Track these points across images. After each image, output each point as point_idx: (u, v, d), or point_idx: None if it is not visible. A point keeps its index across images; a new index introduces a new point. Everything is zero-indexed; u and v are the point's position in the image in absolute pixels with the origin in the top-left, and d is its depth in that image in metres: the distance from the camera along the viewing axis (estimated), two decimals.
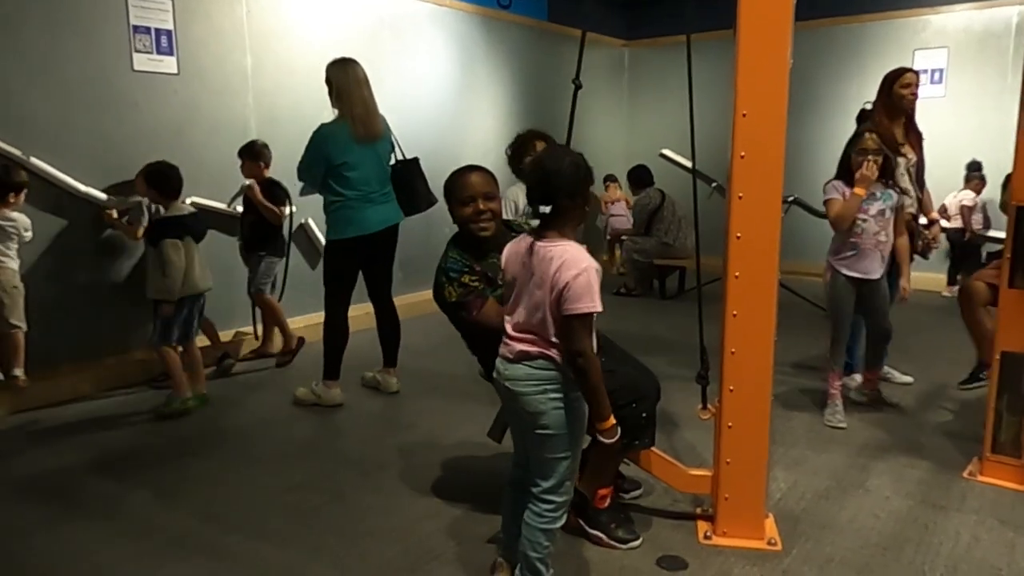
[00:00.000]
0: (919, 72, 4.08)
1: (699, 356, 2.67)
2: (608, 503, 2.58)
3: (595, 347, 1.95)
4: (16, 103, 4.07)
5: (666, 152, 7.06)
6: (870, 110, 3.95)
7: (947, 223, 6.80)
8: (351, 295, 4.12)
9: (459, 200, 2.49)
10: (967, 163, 6.85)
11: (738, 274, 2.42)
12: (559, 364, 1.95)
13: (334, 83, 3.91)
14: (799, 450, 3.37)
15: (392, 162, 4.12)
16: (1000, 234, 2.95)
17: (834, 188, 3.57)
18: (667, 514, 2.77)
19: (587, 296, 1.86)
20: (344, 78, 3.89)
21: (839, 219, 3.52)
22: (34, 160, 4.11)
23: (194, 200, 4.82)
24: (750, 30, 2.31)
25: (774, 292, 2.43)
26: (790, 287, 6.08)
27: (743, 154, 2.36)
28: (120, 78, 4.48)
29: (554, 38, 7.81)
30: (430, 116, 6.55)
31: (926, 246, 4.17)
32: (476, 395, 3.96)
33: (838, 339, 3.71)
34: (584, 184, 1.98)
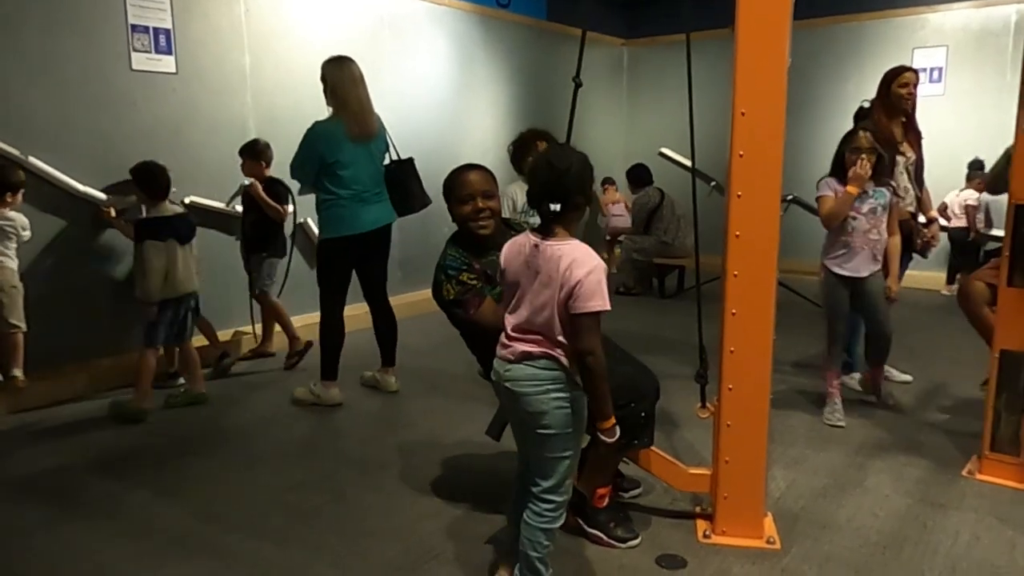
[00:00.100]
0: (918, 71, 4.07)
1: (698, 355, 2.67)
2: (607, 502, 2.58)
3: None
4: (14, 102, 4.07)
5: (665, 151, 7.07)
6: (868, 108, 3.94)
7: (947, 222, 6.78)
8: (346, 295, 4.11)
9: (458, 199, 2.50)
10: (969, 162, 6.83)
11: (737, 273, 2.42)
12: (562, 364, 1.95)
13: (329, 81, 3.89)
14: (798, 449, 3.38)
15: (386, 162, 4.11)
16: (1003, 233, 2.96)
17: (826, 185, 3.56)
18: (666, 513, 2.77)
19: (598, 295, 1.87)
20: (339, 76, 3.87)
21: (830, 217, 3.52)
22: (32, 159, 4.11)
23: (193, 199, 4.83)
24: (749, 29, 2.31)
25: (773, 291, 2.43)
26: (789, 286, 6.08)
27: (742, 153, 2.36)
28: (118, 77, 4.48)
29: (553, 37, 7.81)
30: (429, 115, 6.55)
31: (925, 245, 4.16)
32: (476, 394, 3.96)
33: (834, 338, 3.71)
34: (590, 181, 2.01)
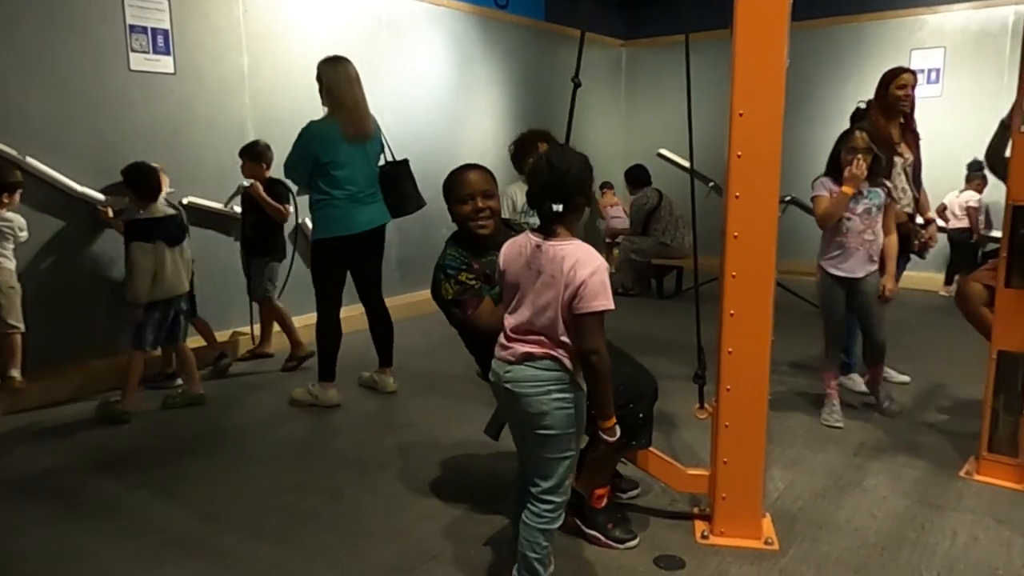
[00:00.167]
0: (916, 72, 4.07)
1: (696, 356, 2.67)
2: (605, 503, 2.58)
3: None
4: (12, 102, 4.06)
5: (663, 152, 7.07)
6: (864, 109, 3.94)
7: (945, 223, 6.77)
8: (341, 295, 4.09)
9: (458, 198, 2.50)
10: (968, 163, 6.79)
11: (735, 274, 2.42)
12: (564, 365, 1.96)
13: (325, 81, 3.88)
14: (796, 450, 3.38)
15: (381, 163, 4.09)
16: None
17: (822, 185, 3.55)
18: (664, 514, 2.77)
19: (602, 294, 1.88)
20: (335, 76, 3.86)
21: (825, 217, 3.52)
22: (30, 160, 4.10)
23: (191, 200, 4.82)
24: (747, 30, 2.31)
25: (771, 292, 2.43)
26: (787, 287, 6.09)
27: (740, 154, 2.36)
28: (116, 77, 4.48)
29: (551, 38, 7.81)
30: (428, 116, 6.55)
31: (923, 246, 4.16)
32: (474, 395, 3.96)
33: (832, 339, 3.71)
34: (591, 182, 2.02)
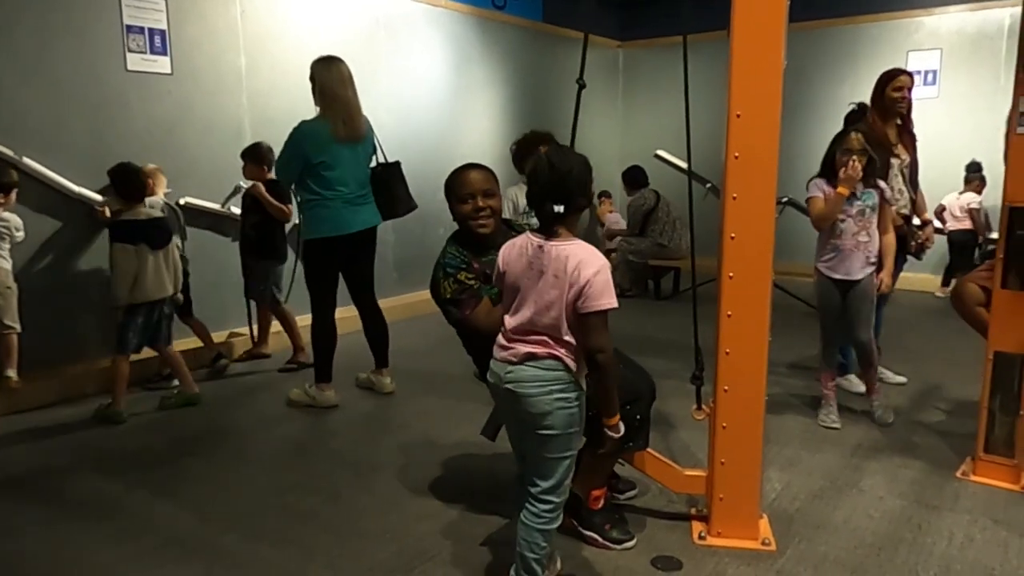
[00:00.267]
0: (912, 74, 4.07)
1: (694, 357, 2.67)
2: (602, 504, 2.58)
3: None
4: (8, 102, 4.06)
5: (661, 153, 7.08)
6: (856, 110, 3.93)
7: (942, 224, 6.77)
8: (335, 296, 4.07)
9: (458, 197, 2.50)
10: (967, 164, 6.80)
11: (732, 275, 2.42)
12: (566, 364, 1.96)
13: (317, 81, 3.86)
14: (793, 450, 3.38)
15: (373, 164, 4.07)
16: None
17: (816, 186, 3.55)
18: (662, 514, 2.77)
19: (607, 293, 1.90)
20: (328, 76, 3.84)
21: (821, 218, 3.52)
22: (27, 160, 4.10)
23: (188, 200, 4.82)
24: (744, 31, 2.31)
25: (768, 293, 2.44)
26: (784, 288, 6.09)
27: (737, 155, 2.36)
28: (113, 78, 4.47)
29: (549, 39, 7.82)
30: (426, 117, 6.55)
31: (919, 247, 4.17)
32: (472, 395, 3.96)
33: (828, 341, 3.72)
34: (591, 182, 2.04)
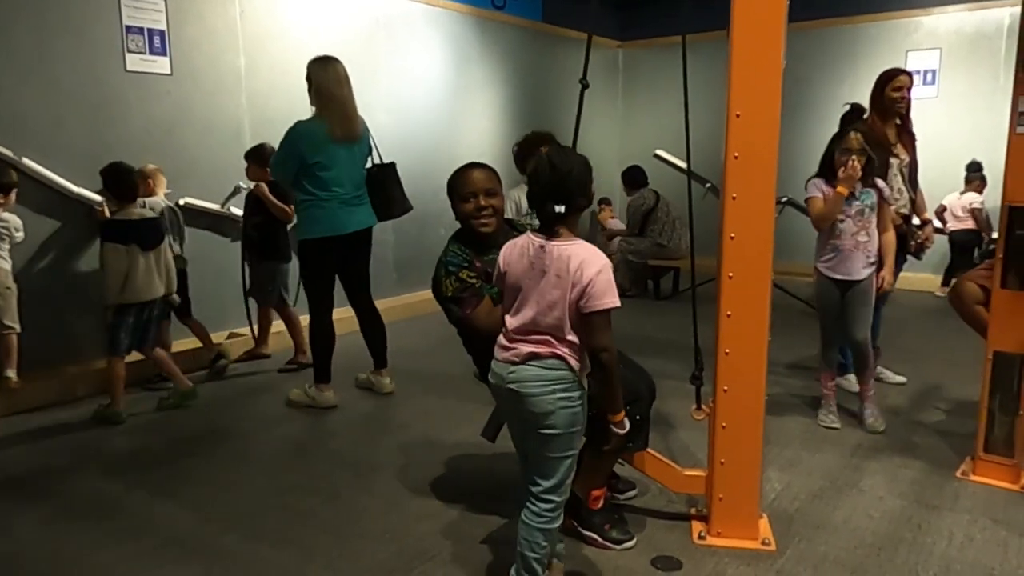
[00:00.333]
0: (912, 74, 4.07)
1: (693, 357, 2.67)
2: (602, 504, 2.58)
3: None
4: (7, 103, 4.05)
5: (660, 153, 7.08)
6: (850, 111, 3.89)
7: (942, 225, 6.76)
8: (332, 297, 4.06)
9: (461, 196, 2.51)
10: (967, 164, 6.79)
11: (732, 275, 2.42)
12: (569, 364, 1.97)
13: (314, 80, 3.85)
14: (793, 450, 3.38)
15: (368, 165, 4.06)
16: None
17: (815, 186, 3.54)
18: (662, 515, 2.77)
19: (609, 292, 1.92)
20: (324, 76, 3.83)
21: (822, 218, 3.51)
22: (26, 160, 4.10)
23: (188, 201, 4.81)
24: (744, 31, 2.31)
25: (768, 293, 2.44)
26: (784, 287, 6.09)
27: (737, 155, 2.36)
28: (113, 78, 4.47)
29: (548, 39, 7.82)
30: (425, 117, 6.55)
31: (919, 246, 4.17)
32: (472, 396, 3.96)
33: (828, 341, 3.71)
34: (592, 182, 2.04)
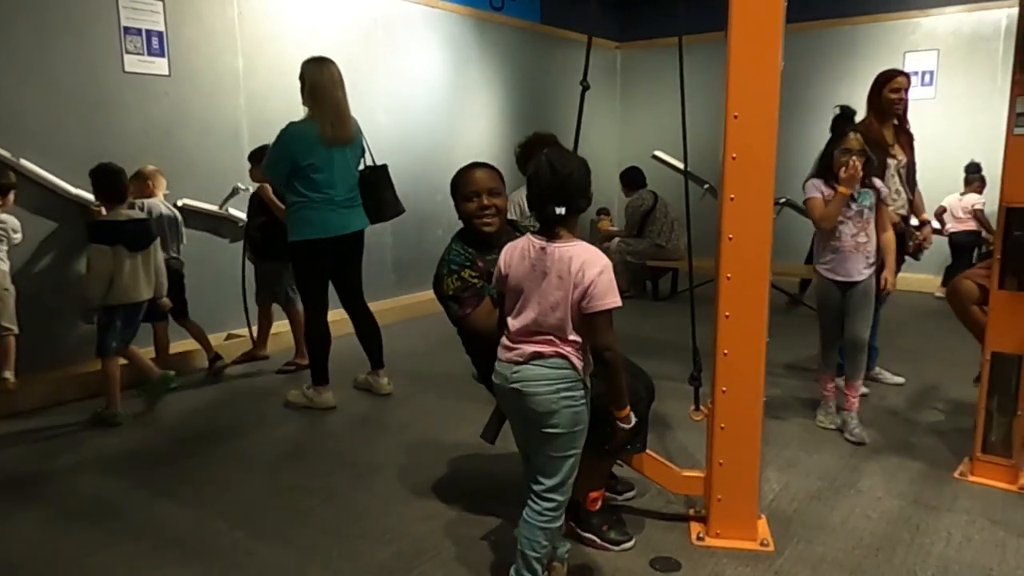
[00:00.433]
0: (909, 75, 4.07)
1: (692, 357, 2.67)
2: (600, 505, 2.58)
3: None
4: (6, 104, 4.05)
5: (658, 154, 7.09)
6: (841, 114, 3.86)
7: (941, 225, 6.75)
8: (327, 298, 4.05)
9: (463, 195, 2.52)
10: (966, 165, 6.78)
11: (730, 275, 2.42)
12: (572, 363, 1.99)
13: (308, 81, 3.83)
14: (791, 451, 3.38)
15: (361, 167, 4.04)
16: None
17: (813, 187, 3.52)
18: (660, 515, 2.77)
19: (611, 292, 1.94)
20: (318, 77, 3.81)
21: (824, 219, 3.48)
22: (24, 162, 4.09)
23: (186, 202, 4.81)
24: (741, 32, 2.32)
25: (766, 293, 2.44)
26: (782, 288, 6.10)
27: (735, 156, 2.36)
28: (111, 79, 4.47)
29: (547, 40, 7.82)
30: (424, 117, 6.55)
31: (917, 247, 4.17)
32: (472, 396, 3.95)
33: (828, 342, 3.71)
34: (591, 184, 2.06)
